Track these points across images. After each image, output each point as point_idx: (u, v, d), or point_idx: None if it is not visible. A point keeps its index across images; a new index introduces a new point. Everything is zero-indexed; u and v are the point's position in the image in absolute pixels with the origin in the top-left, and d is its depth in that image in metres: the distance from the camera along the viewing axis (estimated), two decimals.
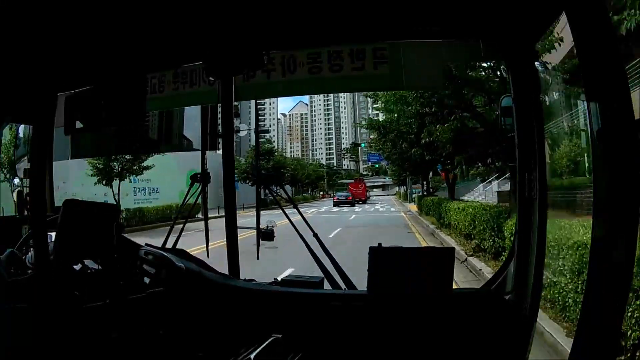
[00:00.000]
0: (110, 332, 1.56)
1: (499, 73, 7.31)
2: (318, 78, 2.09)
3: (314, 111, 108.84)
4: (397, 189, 60.95)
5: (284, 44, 2.06)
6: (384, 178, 72.42)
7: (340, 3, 1.67)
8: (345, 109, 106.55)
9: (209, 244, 2.42)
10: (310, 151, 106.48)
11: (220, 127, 2.15)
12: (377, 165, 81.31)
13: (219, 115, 2.17)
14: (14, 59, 1.42)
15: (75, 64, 1.86)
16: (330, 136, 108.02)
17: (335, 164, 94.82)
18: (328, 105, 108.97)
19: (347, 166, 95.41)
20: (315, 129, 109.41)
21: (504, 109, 1.77)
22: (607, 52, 1.03)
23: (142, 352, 1.62)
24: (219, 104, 2.13)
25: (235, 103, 2.16)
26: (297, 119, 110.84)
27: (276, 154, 41.12)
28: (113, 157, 15.70)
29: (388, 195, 66.12)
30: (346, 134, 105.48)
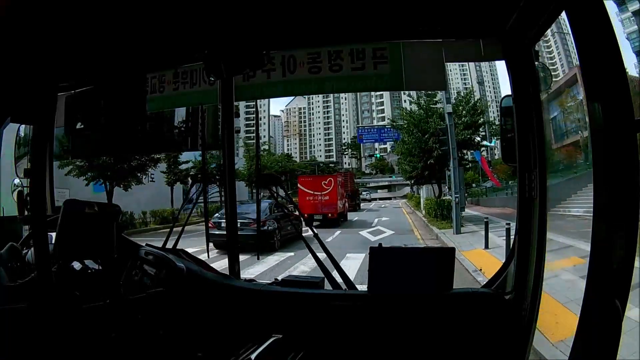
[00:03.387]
0: (110, 332, 1.56)
1: None
2: (318, 78, 2.10)
3: (312, 104, 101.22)
4: (407, 190, 44.15)
5: (284, 44, 2.06)
6: (390, 177, 61.98)
7: (341, 3, 1.67)
8: (346, 99, 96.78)
9: None
10: (309, 148, 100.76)
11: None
12: (377, 155, 75.30)
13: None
14: (15, 59, 1.42)
15: (76, 64, 1.86)
16: (329, 131, 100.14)
17: (335, 161, 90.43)
18: (327, 96, 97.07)
19: (348, 164, 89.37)
20: (314, 123, 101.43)
21: (504, 109, 1.77)
22: (607, 52, 1.03)
23: (142, 352, 1.62)
24: (219, 104, 2.14)
25: (235, 103, 2.16)
26: (295, 113, 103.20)
27: None
28: None
29: (395, 198, 50.65)
30: (347, 127, 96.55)
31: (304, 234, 2.11)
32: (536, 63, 1.61)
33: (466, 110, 18.51)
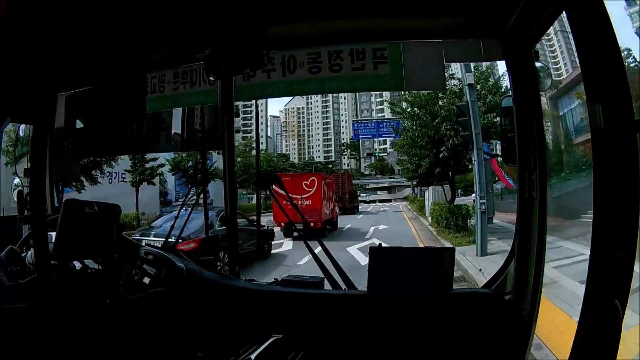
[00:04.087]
0: (110, 332, 1.56)
1: None
2: (318, 78, 2.10)
3: (311, 104, 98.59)
4: (408, 191, 40.14)
5: (284, 44, 2.06)
6: (391, 177, 59.66)
7: (341, 3, 1.67)
8: (345, 99, 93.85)
9: None
10: (307, 148, 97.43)
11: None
12: (377, 154, 73.73)
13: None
14: (15, 59, 1.43)
15: (75, 64, 1.86)
16: (328, 131, 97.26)
17: (333, 161, 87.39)
18: (326, 96, 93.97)
19: (347, 164, 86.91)
20: (312, 124, 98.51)
21: (504, 109, 1.77)
22: (607, 52, 1.03)
23: (142, 352, 1.62)
24: (219, 104, 2.14)
25: (235, 103, 2.16)
26: (293, 113, 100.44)
27: None
28: None
29: (395, 200, 46.65)
30: (346, 128, 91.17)
31: (276, 250, 2.11)
32: (537, 63, 1.61)
33: (486, 90, 13.73)
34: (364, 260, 7.73)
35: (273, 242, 9.77)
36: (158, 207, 22.23)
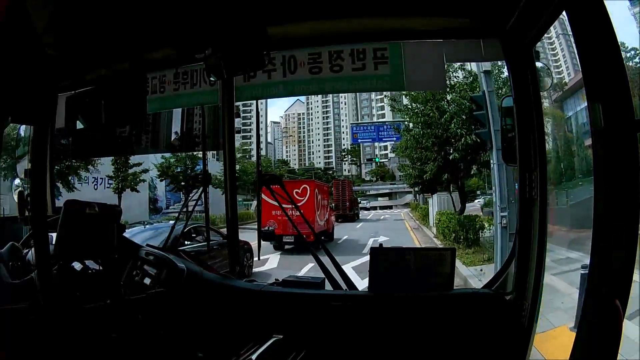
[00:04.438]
0: (111, 332, 1.56)
1: None
2: (318, 78, 2.10)
3: (311, 109, 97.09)
4: (409, 197, 39.51)
5: (285, 44, 2.06)
6: (391, 183, 59.14)
7: (341, 3, 1.67)
8: (345, 104, 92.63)
9: None
10: (307, 154, 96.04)
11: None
12: (377, 160, 73.16)
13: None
14: (15, 59, 1.43)
15: (75, 64, 1.86)
16: (328, 137, 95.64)
17: (332, 167, 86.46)
18: (326, 101, 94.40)
19: (348, 170, 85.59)
20: (313, 129, 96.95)
21: (504, 109, 1.77)
22: (607, 52, 1.04)
23: (142, 352, 1.62)
24: (220, 104, 2.14)
25: (236, 103, 2.16)
26: (293, 119, 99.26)
27: None
28: None
29: (396, 206, 45.28)
30: (347, 133, 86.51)
31: (258, 268, 2.10)
32: (537, 63, 1.61)
33: (500, 82, 11.55)
34: (360, 284, 6.21)
35: (256, 259, 8.50)
36: (147, 215, 21.53)
